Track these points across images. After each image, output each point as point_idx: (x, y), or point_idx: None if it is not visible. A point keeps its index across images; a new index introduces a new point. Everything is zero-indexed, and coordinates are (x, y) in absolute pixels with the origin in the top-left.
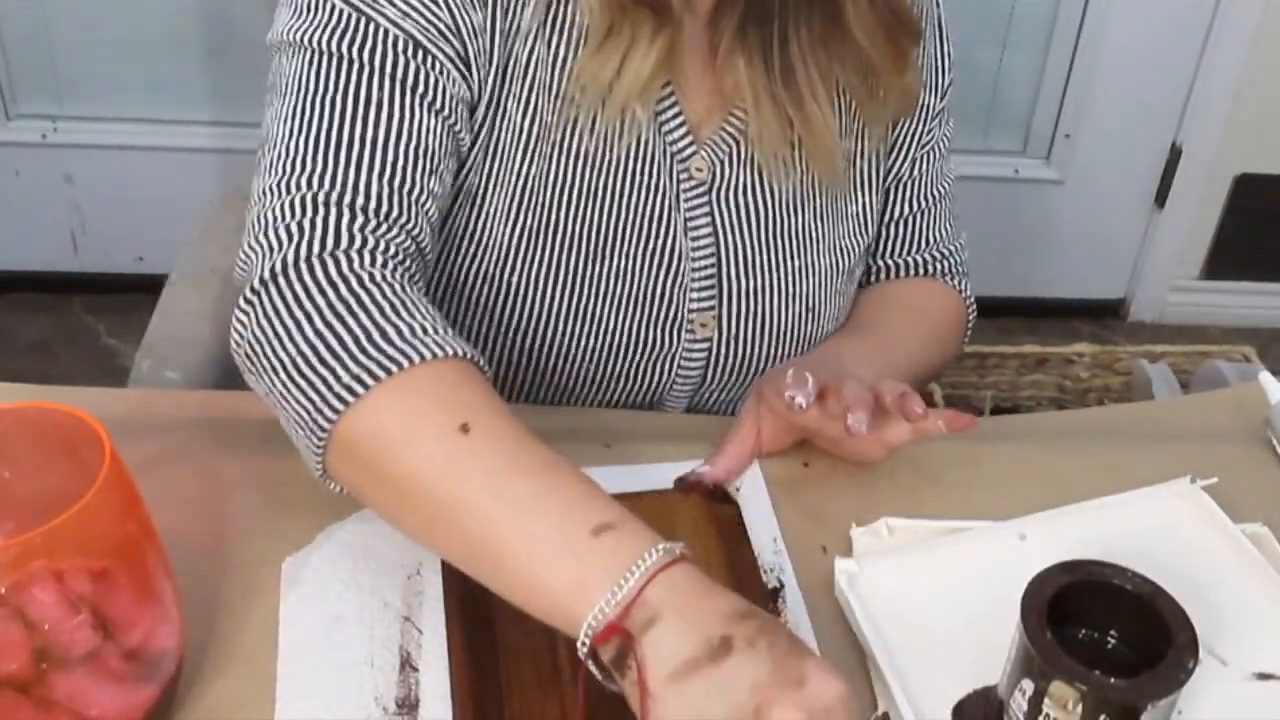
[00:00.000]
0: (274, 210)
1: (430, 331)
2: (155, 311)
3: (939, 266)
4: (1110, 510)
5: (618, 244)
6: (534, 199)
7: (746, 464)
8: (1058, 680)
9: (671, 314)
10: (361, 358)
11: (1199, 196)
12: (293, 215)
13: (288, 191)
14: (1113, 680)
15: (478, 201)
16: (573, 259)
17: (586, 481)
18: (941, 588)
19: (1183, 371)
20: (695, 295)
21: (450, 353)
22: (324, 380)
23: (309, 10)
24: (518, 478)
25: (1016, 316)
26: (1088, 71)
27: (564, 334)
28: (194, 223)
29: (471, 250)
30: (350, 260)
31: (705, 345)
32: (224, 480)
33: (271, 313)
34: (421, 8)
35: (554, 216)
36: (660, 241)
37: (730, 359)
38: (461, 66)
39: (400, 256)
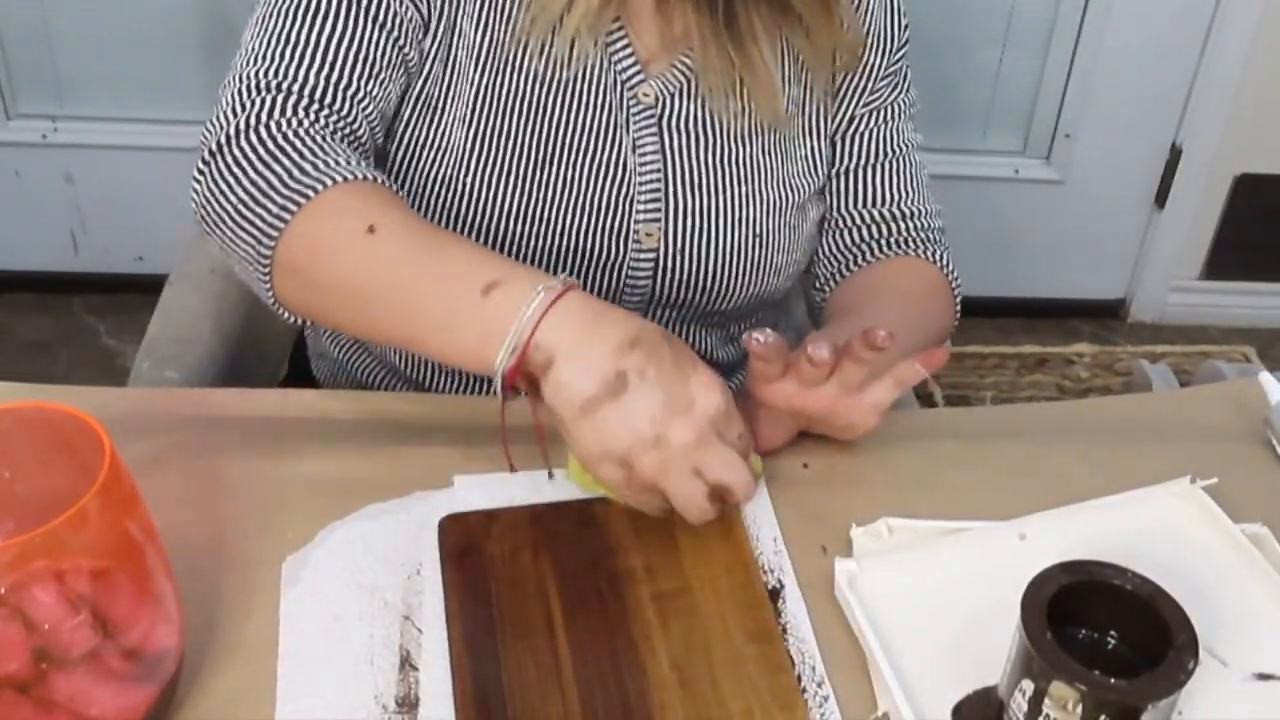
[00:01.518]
0: (231, 93)
1: (340, 164)
2: (155, 311)
3: (903, 226)
4: (1110, 510)
5: (566, 154)
6: (488, 108)
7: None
8: (1058, 680)
9: (617, 223)
10: (285, 191)
11: (1199, 196)
12: (245, 95)
13: (245, 79)
14: (1113, 681)
15: (437, 110)
16: (523, 164)
17: (475, 251)
18: (941, 588)
19: (1183, 371)
20: (641, 207)
21: (357, 177)
22: (259, 217)
23: None
24: (419, 264)
25: (1016, 316)
26: (1088, 71)
27: (516, 235)
28: (194, 223)
29: (431, 156)
30: (282, 125)
31: (651, 256)
32: (224, 480)
33: (216, 174)
34: None
35: (506, 125)
36: (607, 155)
37: (677, 273)
38: None
39: (332, 129)
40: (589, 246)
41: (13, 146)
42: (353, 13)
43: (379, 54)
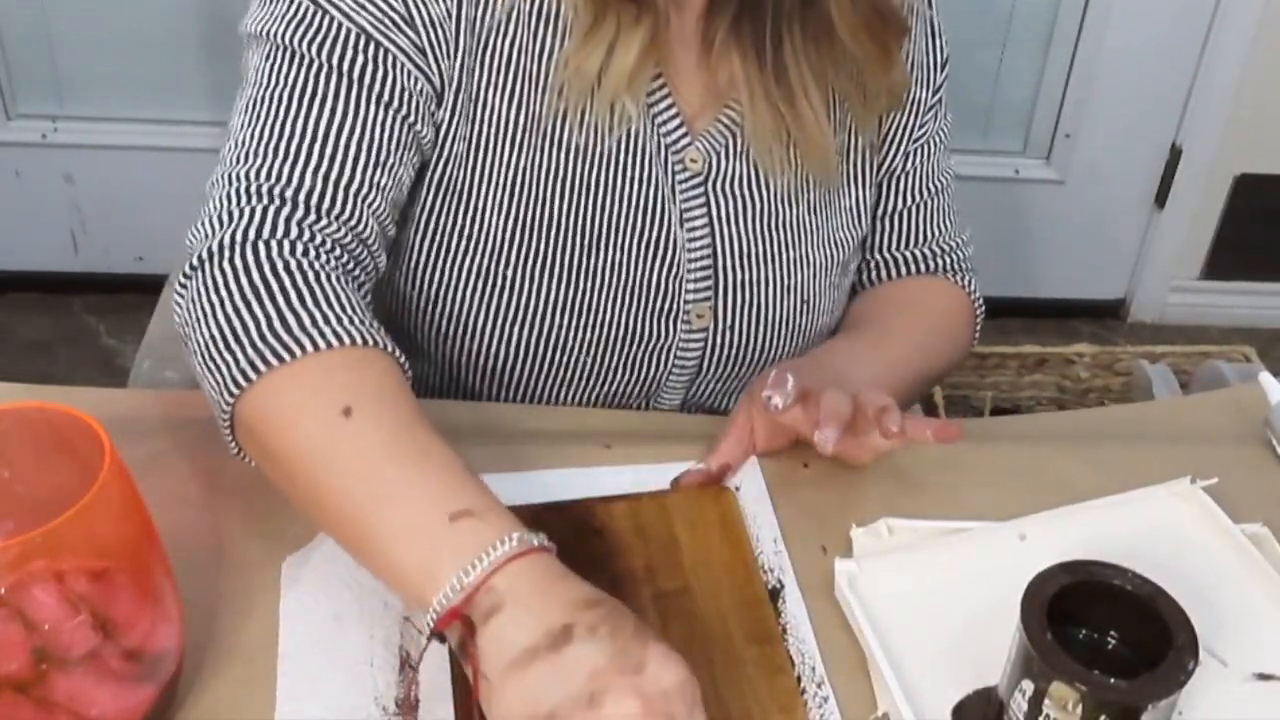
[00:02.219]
0: (220, 196)
1: (333, 321)
2: (155, 311)
3: (940, 262)
4: (1110, 510)
5: (613, 236)
6: (526, 191)
7: (741, 460)
8: (1058, 681)
9: (668, 305)
10: (259, 344)
11: (1199, 196)
12: (234, 201)
13: (235, 180)
14: (1113, 681)
15: (466, 196)
16: (567, 251)
17: (458, 470)
18: (941, 588)
19: (1183, 372)
20: (691, 286)
21: (351, 341)
22: (227, 364)
23: (272, 1)
24: (389, 464)
25: (1016, 316)
26: (1088, 71)
27: (561, 326)
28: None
29: (463, 246)
30: (274, 248)
31: (701, 336)
32: (224, 480)
33: (196, 294)
34: (379, 0)
35: (547, 209)
36: (655, 233)
37: (726, 350)
38: (419, 58)
39: (333, 249)
40: (637, 332)
41: (13, 146)
42: (354, 95)
43: (387, 139)
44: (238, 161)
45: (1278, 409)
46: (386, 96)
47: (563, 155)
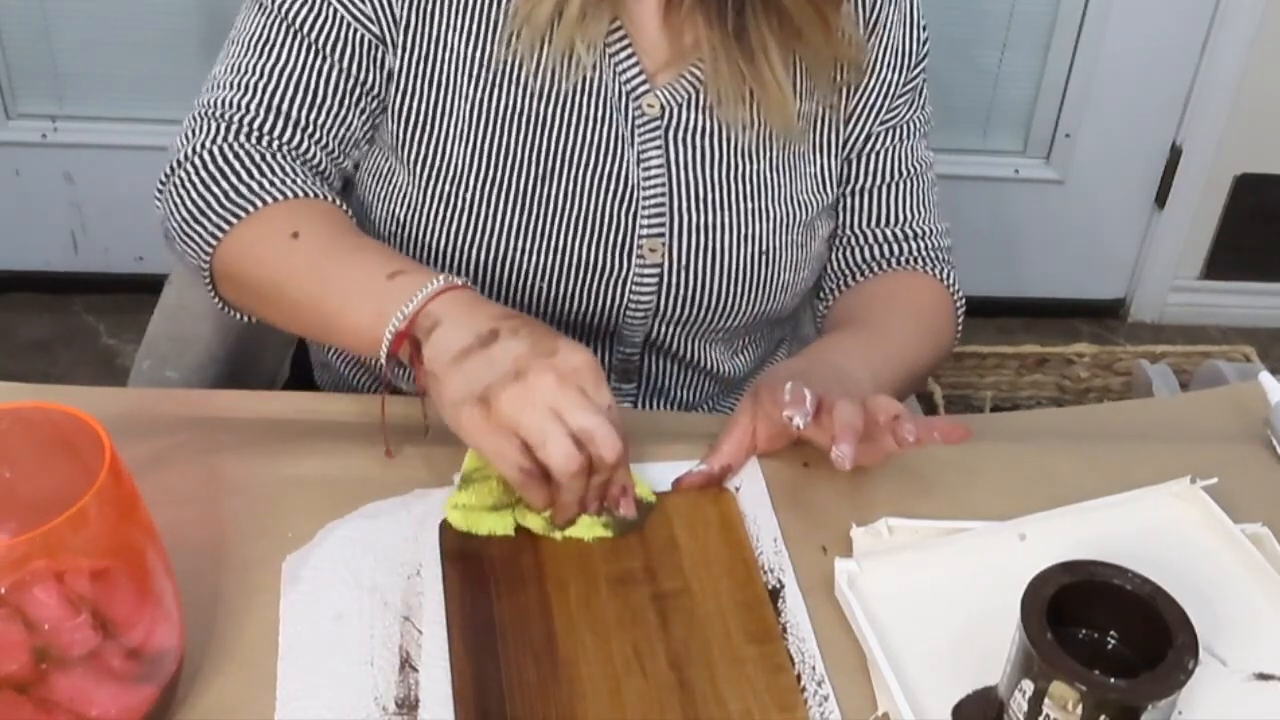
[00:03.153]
0: (193, 115)
1: (278, 184)
2: (155, 311)
3: (913, 246)
4: (1110, 510)
5: (568, 169)
6: (485, 124)
7: (742, 461)
8: (1058, 680)
9: (621, 237)
10: (222, 210)
11: (1199, 196)
12: (200, 120)
13: (203, 105)
14: (1113, 680)
15: (429, 126)
16: (523, 179)
17: (388, 251)
18: (941, 588)
19: (1183, 372)
20: (645, 221)
21: (292, 195)
22: (198, 232)
23: None
24: (332, 257)
25: (1016, 316)
26: (1088, 71)
27: (518, 250)
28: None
29: (428, 174)
30: (230, 146)
31: (655, 271)
32: (224, 480)
33: (172, 188)
34: None
35: (505, 140)
36: (610, 169)
37: (681, 289)
38: (362, 10)
39: (282, 150)
40: (592, 261)
41: (13, 146)
42: (298, 43)
43: (326, 85)
44: (208, 89)
45: (1278, 409)
46: (327, 48)
47: (520, 93)
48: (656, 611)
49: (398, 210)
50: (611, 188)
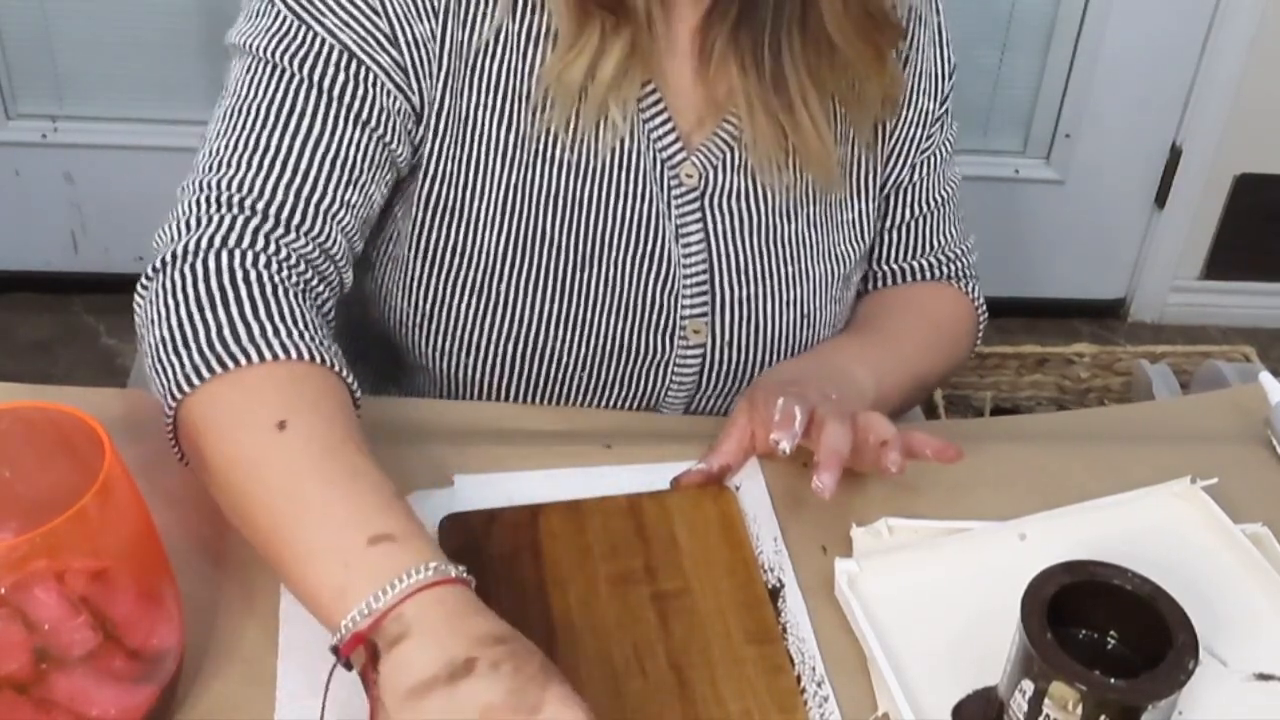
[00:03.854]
0: (190, 201)
1: (281, 334)
2: None
3: (945, 270)
4: (1110, 510)
5: (607, 252)
6: (519, 209)
7: (741, 461)
8: (1058, 681)
9: (664, 321)
10: (206, 351)
11: (1199, 196)
12: (203, 208)
13: (205, 188)
14: (1113, 681)
15: (460, 214)
16: (561, 267)
17: (385, 494)
18: (941, 588)
19: (1183, 372)
20: (688, 302)
21: (296, 355)
22: (173, 367)
23: (258, 15)
24: (315, 481)
25: (1016, 316)
26: (1088, 71)
27: (556, 341)
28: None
29: (457, 264)
30: (235, 257)
31: (699, 352)
32: None
33: (155, 296)
34: (361, 18)
35: (540, 225)
36: (650, 248)
37: (725, 365)
38: (399, 77)
39: (296, 263)
40: (633, 348)
41: (13, 146)
42: (330, 112)
43: (361, 157)
44: (210, 170)
45: (1278, 409)
46: (363, 114)
47: (555, 172)
48: (656, 611)
49: (422, 303)
50: (652, 269)
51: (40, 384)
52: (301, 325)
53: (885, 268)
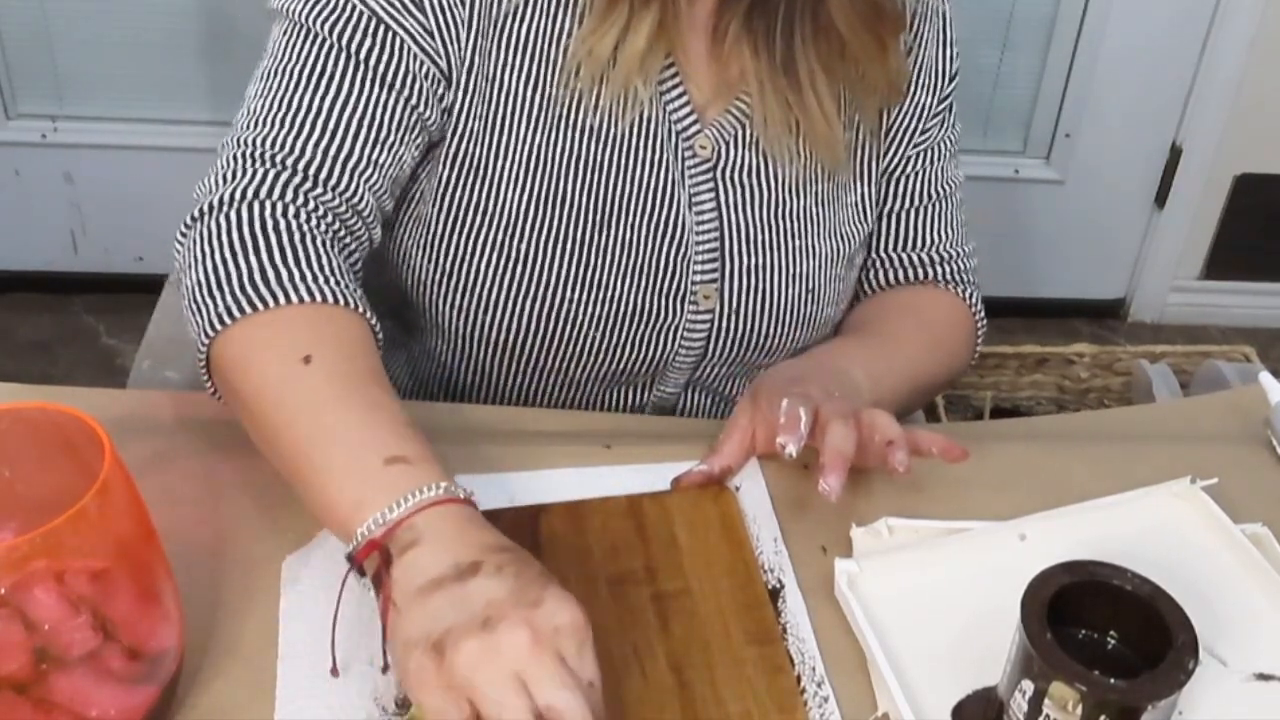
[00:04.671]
0: (228, 156)
1: (309, 278)
2: (155, 311)
3: (941, 270)
4: (1110, 510)
5: (623, 215)
6: (541, 169)
7: (742, 461)
8: (1058, 681)
9: (675, 285)
10: (239, 292)
11: (1199, 196)
12: (240, 162)
13: (242, 144)
14: (1113, 681)
15: (483, 172)
16: (579, 228)
17: (402, 423)
18: (941, 588)
19: (1183, 372)
20: (699, 268)
21: (323, 298)
22: (208, 308)
23: None
24: (337, 408)
25: (1016, 316)
26: (1088, 71)
27: (571, 300)
28: None
29: (479, 220)
30: (268, 207)
31: (708, 317)
32: (224, 480)
33: (193, 242)
34: None
35: (560, 186)
36: (665, 214)
37: (732, 333)
38: (426, 42)
39: (326, 215)
40: (646, 310)
41: (13, 146)
42: (360, 75)
43: (389, 119)
44: (247, 127)
45: (1278, 409)
46: (391, 78)
47: (577, 135)
48: (656, 612)
49: (443, 260)
50: (666, 234)
51: (40, 384)
52: (328, 271)
53: (880, 256)
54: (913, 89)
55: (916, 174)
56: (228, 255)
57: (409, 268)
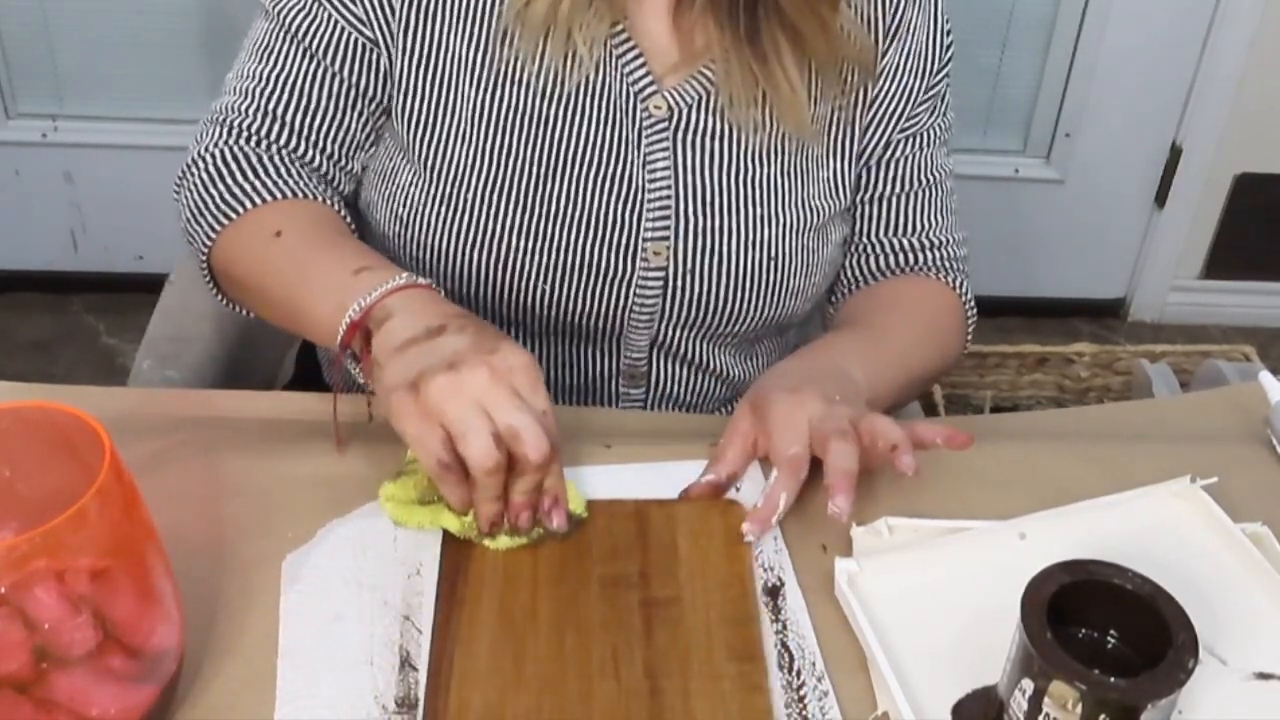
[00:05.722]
0: (207, 118)
1: (271, 184)
2: (155, 311)
3: (930, 255)
4: (1110, 510)
5: (571, 169)
6: (488, 124)
7: (745, 467)
8: (1058, 680)
9: (625, 239)
10: (217, 211)
11: (1199, 196)
12: (212, 123)
13: (216, 110)
14: (1113, 680)
15: (431, 125)
16: (526, 180)
17: (364, 249)
18: (941, 587)
19: (1183, 371)
20: (650, 224)
21: (283, 195)
22: (198, 230)
23: None
24: (309, 254)
25: (1016, 316)
26: (1088, 71)
27: (521, 251)
28: None
29: (432, 174)
30: (234, 149)
31: (659, 274)
32: (224, 480)
33: (183, 188)
34: None
35: (507, 140)
36: (614, 170)
37: (686, 292)
38: (359, 17)
39: (284, 155)
40: (595, 263)
41: (13, 146)
42: (293, 48)
43: (318, 91)
44: (225, 92)
45: (1278, 408)
46: (321, 51)
47: (522, 92)
48: (642, 617)
49: (401, 211)
50: (615, 189)
51: (40, 384)
52: (286, 176)
53: (867, 240)
54: (898, 74)
55: (906, 158)
56: (205, 189)
57: (378, 220)
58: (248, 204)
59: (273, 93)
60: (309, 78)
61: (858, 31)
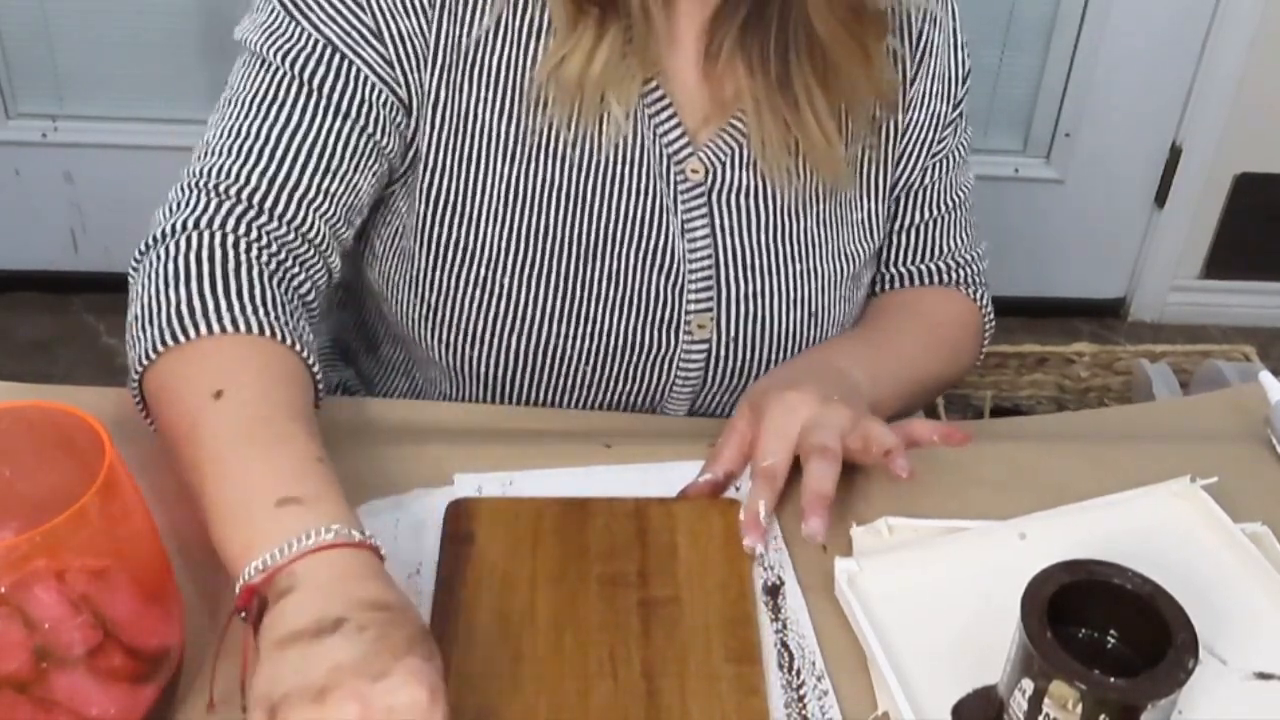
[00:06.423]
0: (180, 185)
1: (234, 309)
2: None
3: (955, 275)
4: (1110, 510)
5: (611, 246)
6: (521, 203)
7: (743, 466)
8: (1058, 680)
9: (668, 316)
10: (165, 325)
11: (1199, 196)
12: (188, 193)
13: (195, 174)
14: (1113, 680)
15: (461, 207)
16: (564, 261)
17: (306, 460)
18: (941, 587)
19: (1183, 371)
20: (693, 297)
21: (246, 329)
22: (140, 340)
23: (257, 10)
24: (240, 446)
25: (1016, 316)
26: (1088, 71)
27: (559, 335)
28: None
29: (459, 257)
30: (207, 236)
31: (704, 347)
32: None
33: (137, 273)
34: (347, 13)
35: (542, 220)
36: (655, 243)
37: (730, 361)
38: (385, 71)
39: (270, 245)
40: (637, 342)
41: (13, 146)
42: (313, 104)
43: (342, 148)
44: (200, 158)
45: (1278, 408)
46: (346, 107)
47: (558, 166)
48: (640, 617)
49: (428, 295)
50: (657, 263)
51: (40, 383)
52: (258, 302)
53: (894, 270)
54: (926, 99)
55: (930, 185)
56: (162, 286)
57: (398, 301)
58: (203, 329)
59: (282, 150)
60: (330, 133)
61: (883, 64)
